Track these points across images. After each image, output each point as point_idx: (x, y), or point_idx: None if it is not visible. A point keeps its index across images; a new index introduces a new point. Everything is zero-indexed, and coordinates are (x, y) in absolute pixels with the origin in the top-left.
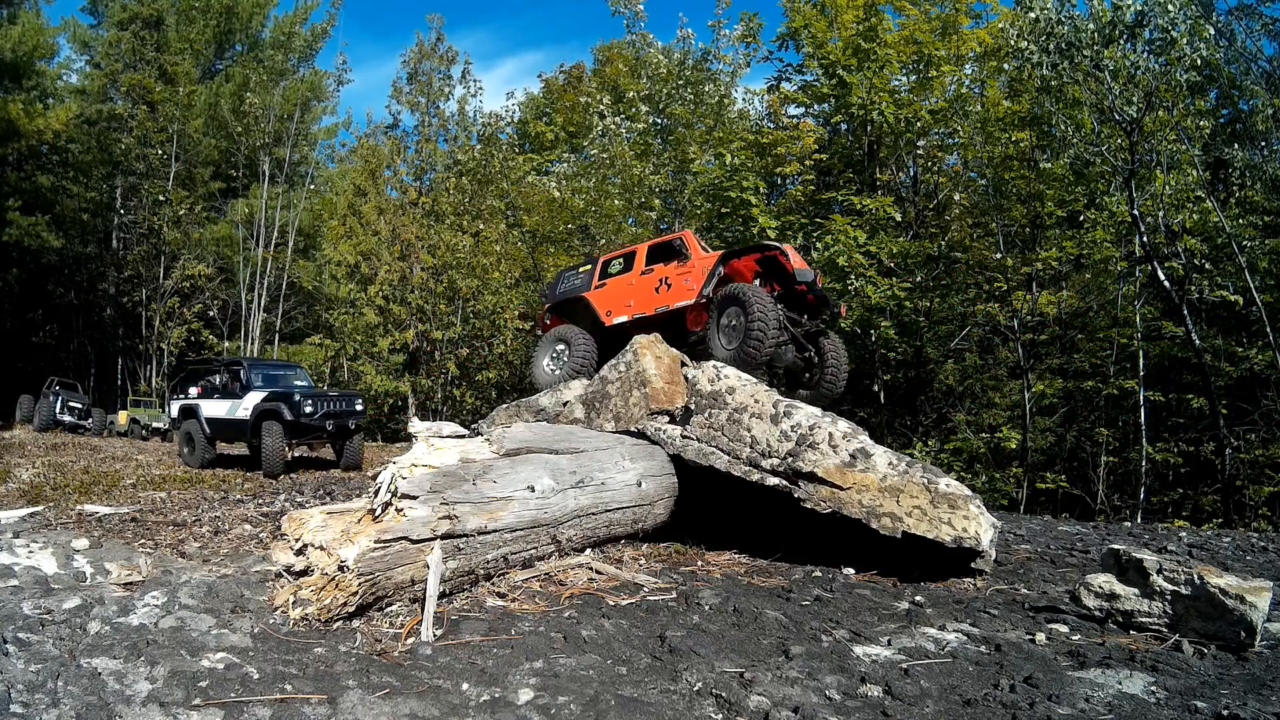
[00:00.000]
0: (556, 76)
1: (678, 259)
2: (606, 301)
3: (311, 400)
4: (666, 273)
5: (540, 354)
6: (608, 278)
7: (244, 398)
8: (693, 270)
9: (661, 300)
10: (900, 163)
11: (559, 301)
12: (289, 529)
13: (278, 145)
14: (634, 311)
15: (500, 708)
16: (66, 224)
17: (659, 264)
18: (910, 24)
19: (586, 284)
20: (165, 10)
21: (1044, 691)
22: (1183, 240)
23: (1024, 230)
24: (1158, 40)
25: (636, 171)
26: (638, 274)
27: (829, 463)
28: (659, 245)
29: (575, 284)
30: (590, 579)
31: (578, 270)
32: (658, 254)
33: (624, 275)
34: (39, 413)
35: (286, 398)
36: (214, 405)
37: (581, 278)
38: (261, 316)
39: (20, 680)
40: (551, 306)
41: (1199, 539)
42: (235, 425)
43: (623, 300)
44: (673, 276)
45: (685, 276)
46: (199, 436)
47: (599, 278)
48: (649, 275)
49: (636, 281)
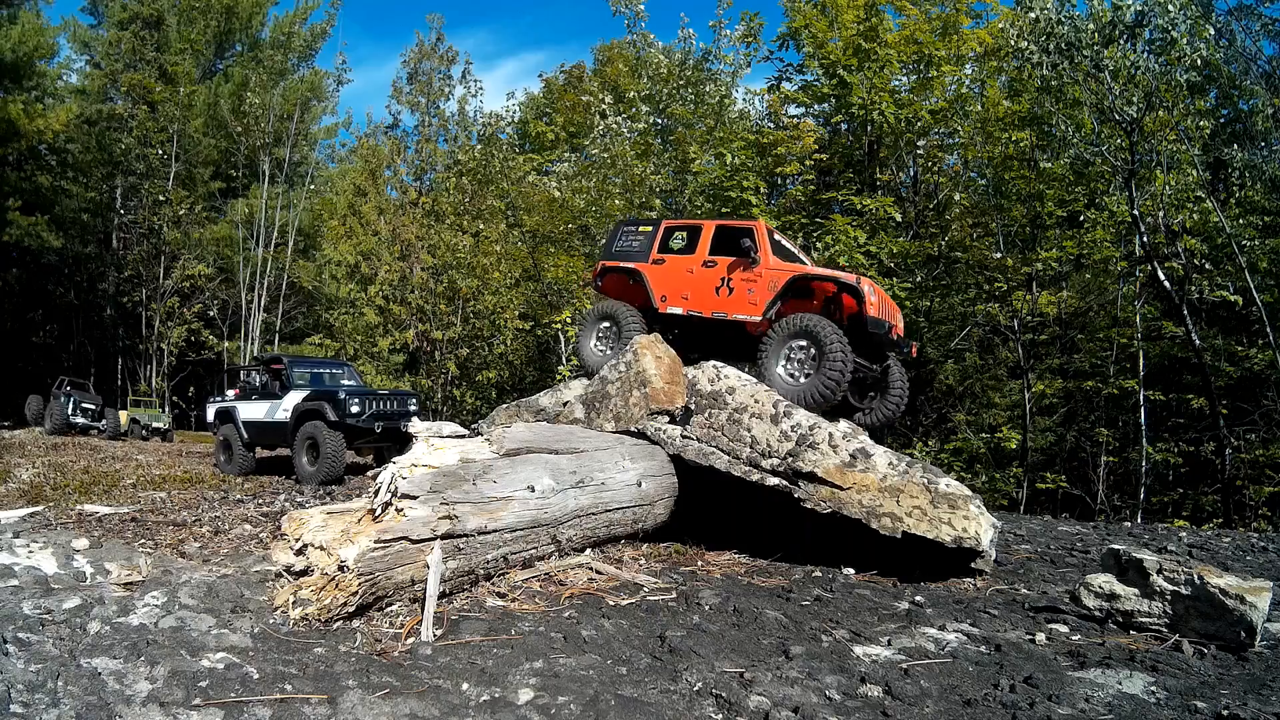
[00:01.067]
0: (557, 76)
1: (745, 258)
2: (662, 282)
3: (359, 399)
4: (731, 272)
5: (586, 332)
6: (668, 252)
7: (284, 398)
8: (759, 281)
9: (720, 304)
10: (900, 163)
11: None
12: (289, 529)
13: (278, 145)
14: (690, 307)
15: (500, 708)
16: (66, 224)
17: (724, 255)
18: (910, 24)
19: (644, 252)
20: (165, 10)
21: (1044, 691)
22: (1183, 240)
23: (1024, 230)
24: (1158, 40)
25: (637, 171)
26: (700, 261)
27: (829, 463)
28: (728, 231)
29: (633, 248)
30: (590, 579)
31: (638, 229)
32: (725, 242)
33: (685, 257)
34: (51, 415)
35: (330, 396)
36: (252, 407)
37: (640, 241)
38: (261, 316)
39: (20, 680)
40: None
41: (1199, 539)
42: (274, 428)
43: (679, 287)
44: (737, 280)
45: (750, 285)
46: (237, 442)
47: (658, 248)
48: (712, 269)
49: (697, 271)
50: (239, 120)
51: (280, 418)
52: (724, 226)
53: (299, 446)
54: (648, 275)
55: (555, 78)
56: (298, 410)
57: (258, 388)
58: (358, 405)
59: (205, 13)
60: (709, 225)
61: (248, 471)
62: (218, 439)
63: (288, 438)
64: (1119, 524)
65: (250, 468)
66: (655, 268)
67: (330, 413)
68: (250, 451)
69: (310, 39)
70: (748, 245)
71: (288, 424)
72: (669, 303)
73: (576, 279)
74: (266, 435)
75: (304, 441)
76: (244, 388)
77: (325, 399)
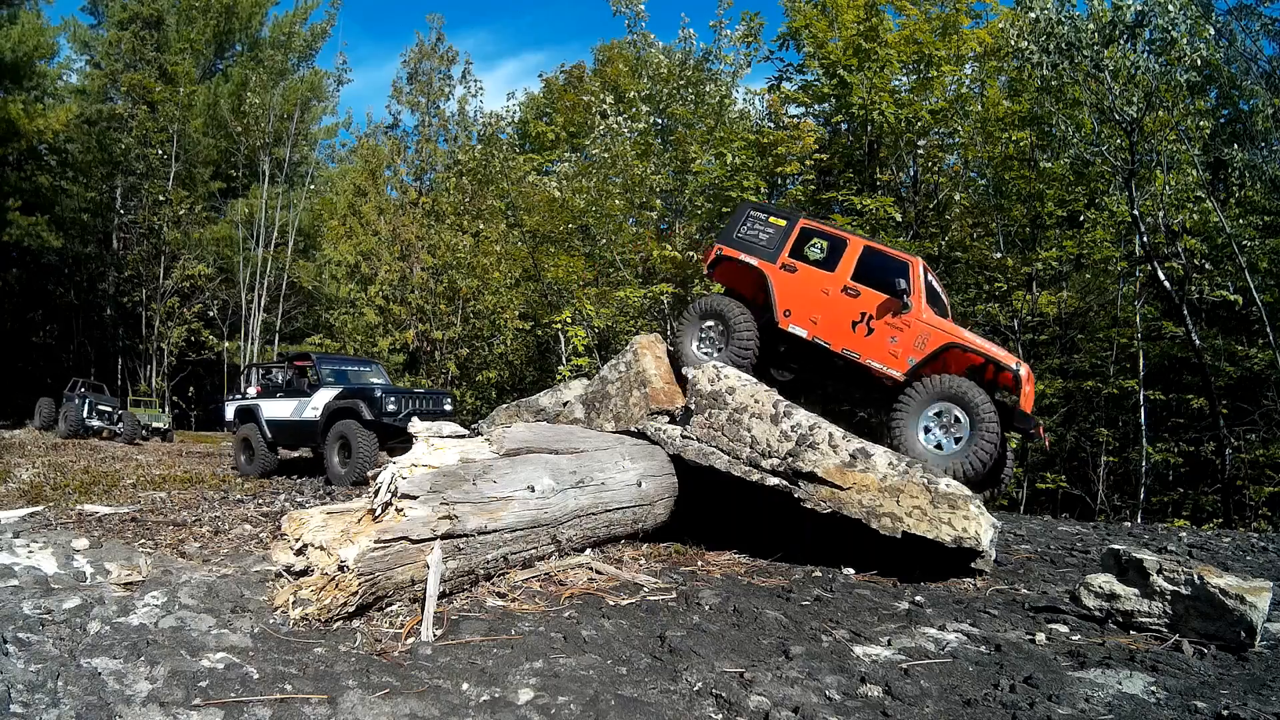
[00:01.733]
0: (557, 76)
1: (895, 299)
2: (790, 295)
3: (395, 397)
4: (875, 311)
5: (688, 329)
6: (801, 258)
7: (313, 396)
8: (906, 331)
9: (853, 342)
10: (900, 163)
11: (733, 253)
12: (289, 529)
13: (278, 145)
14: (817, 333)
15: (500, 708)
16: (66, 224)
17: (869, 286)
18: (910, 24)
19: (773, 250)
20: (165, 10)
21: (1044, 691)
22: (1183, 240)
23: (1024, 230)
24: (1158, 40)
25: (638, 171)
26: (839, 283)
27: (829, 463)
28: (878, 259)
29: (759, 242)
30: (590, 579)
31: (768, 218)
32: (873, 269)
33: (823, 272)
34: (65, 418)
35: (365, 394)
36: (277, 405)
37: (770, 235)
38: (261, 316)
39: (20, 680)
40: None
41: (1199, 539)
42: (302, 427)
43: (809, 306)
44: (880, 323)
45: (895, 334)
46: (259, 442)
47: (790, 250)
48: (853, 299)
49: (834, 295)
50: (239, 120)
51: (309, 416)
52: (874, 251)
53: (330, 446)
54: (774, 280)
55: (555, 78)
56: (329, 408)
57: (282, 385)
58: (394, 403)
59: (205, 13)
60: (856, 243)
61: (269, 473)
62: (237, 439)
63: (317, 437)
64: (1119, 524)
65: (272, 468)
66: (784, 275)
67: (366, 411)
68: (273, 452)
69: (310, 39)
70: (902, 288)
71: (317, 422)
72: (793, 320)
73: (576, 279)
74: (292, 434)
75: (335, 441)
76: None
77: (360, 397)
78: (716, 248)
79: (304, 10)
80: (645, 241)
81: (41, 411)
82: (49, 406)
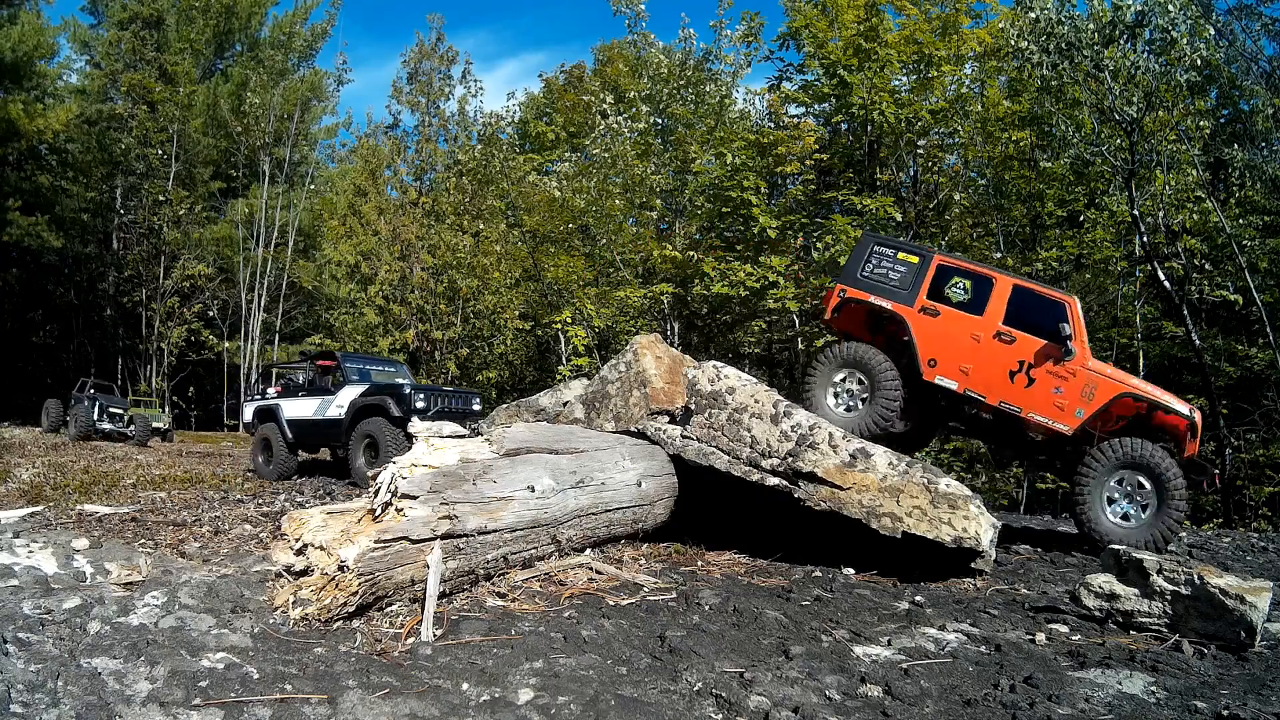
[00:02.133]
0: (557, 76)
1: (1055, 343)
2: (933, 342)
3: (424, 394)
4: (1035, 358)
5: (821, 379)
6: (941, 300)
7: (337, 394)
8: (1072, 381)
9: (1013, 394)
10: (900, 162)
11: (860, 296)
12: (289, 529)
13: (278, 145)
14: (969, 385)
15: (500, 708)
16: (66, 224)
17: (1024, 330)
18: (910, 24)
19: (908, 292)
20: (165, 10)
21: (1044, 691)
22: (1183, 240)
23: (1024, 230)
24: (1158, 40)
25: (638, 171)
26: (991, 329)
27: (829, 463)
28: (1031, 299)
29: (889, 282)
30: (590, 579)
31: (895, 256)
32: (1026, 310)
33: (969, 316)
34: (75, 420)
35: (394, 391)
36: (299, 405)
37: (902, 274)
38: (261, 316)
39: (20, 680)
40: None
41: (1199, 539)
42: (326, 426)
43: (957, 354)
44: (1042, 371)
45: (1059, 383)
46: (278, 443)
47: (928, 291)
48: (1008, 345)
49: (985, 341)
50: (239, 120)
51: (333, 415)
52: (1026, 291)
53: (355, 445)
54: (914, 327)
55: (555, 78)
56: (355, 406)
57: (304, 385)
58: (423, 400)
59: (205, 13)
60: (1004, 282)
61: (288, 475)
62: (256, 439)
63: (342, 435)
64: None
65: (291, 471)
66: (925, 319)
67: (394, 408)
68: (293, 453)
69: (310, 39)
70: (1066, 333)
71: (342, 421)
72: (939, 370)
73: (576, 279)
74: (314, 434)
75: (361, 440)
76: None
77: (389, 394)
78: (838, 289)
79: (304, 10)
80: (645, 241)
81: (49, 414)
82: (57, 408)
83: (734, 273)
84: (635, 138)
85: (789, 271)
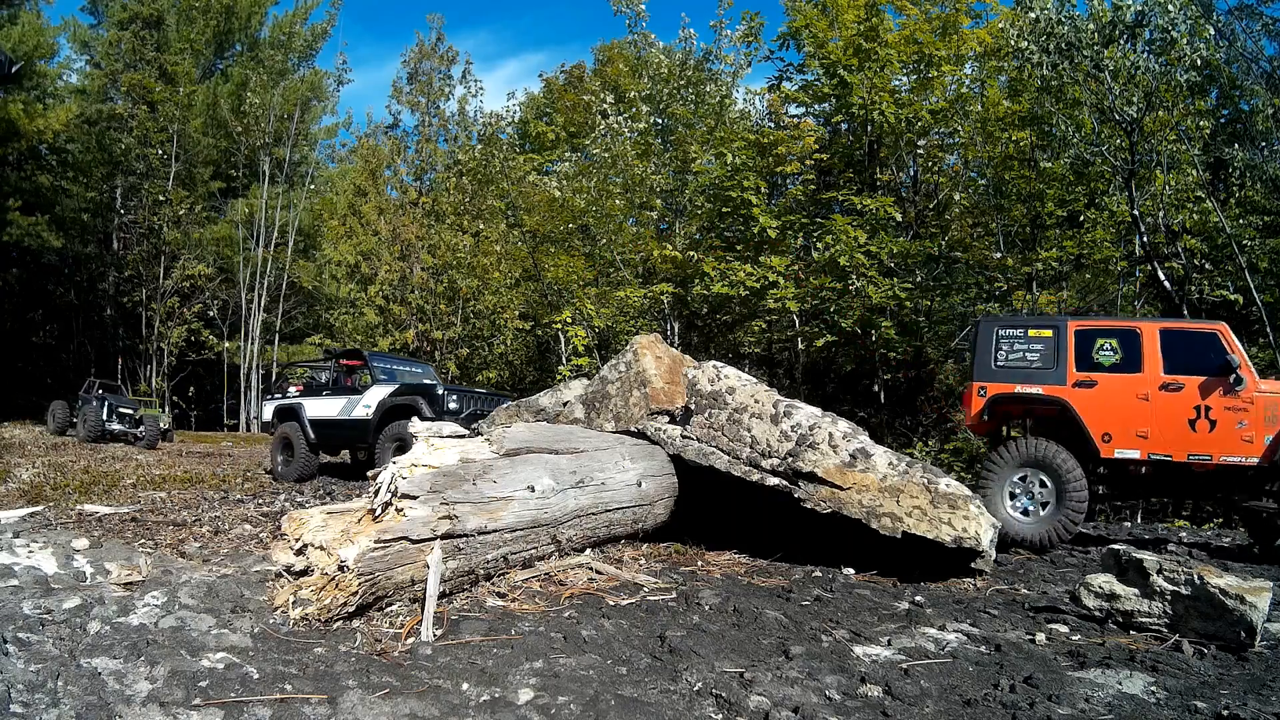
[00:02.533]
0: (557, 76)
1: (1223, 377)
2: (1101, 414)
3: (457, 395)
4: (1208, 397)
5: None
6: (1093, 368)
7: (364, 394)
8: (1252, 409)
9: (1201, 444)
10: (901, 162)
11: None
12: (289, 529)
13: (278, 145)
14: (1153, 448)
15: (500, 708)
16: (66, 224)
17: (1187, 373)
18: (910, 24)
19: (1054, 368)
20: (165, 10)
21: (1044, 691)
22: (1183, 240)
23: (1024, 230)
24: (1158, 40)
25: (638, 171)
26: (1154, 382)
27: (829, 463)
28: (1181, 338)
29: (1028, 362)
30: (590, 579)
31: (1026, 334)
32: (1182, 351)
33: (1127, 376)
34: (84, 421)
35: (426, 392)
36: (323, 404)
37: (1040, 351)
38: (261, 316)
39: (20, 680)
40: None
41: (1199, 539)
42: (351, 427)
43: (1131, 420)
44: (1220, 410)
45: (1240, 417)
46: (300, 444)
47: (1075, 362)
48: (1175, 393)
49: (1154, 397)
50: (239, 120)
51: (360, 415)
52: (1175, 332)
53: (384, 447)
54: (1076, 404)
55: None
56: (384, 406)
57: (327, 384)
58: (456, 402)
59: (205, 13)
60: (1149, 329)
61: (309, 477)
62: (276, 438)
63: (369, 436)
64: (1119, 524)
65: (312, 472)
66: (1084, 393)
67: (427, 409)
68: (315, 454)
69: (310, 39)
70: (1227, 358)
71: (369, 422)
72: (1117, 443)
73: (576, 279)
74: (339, 435)
75: (391, 442)
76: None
77: (421, 394)
78: (975, 388)
79: (304, 10)
80: (645, 241)
81: (55, 415)
82: (63, 410)
83: (734, 273)
84: (635, 138)
85: (789, 271)
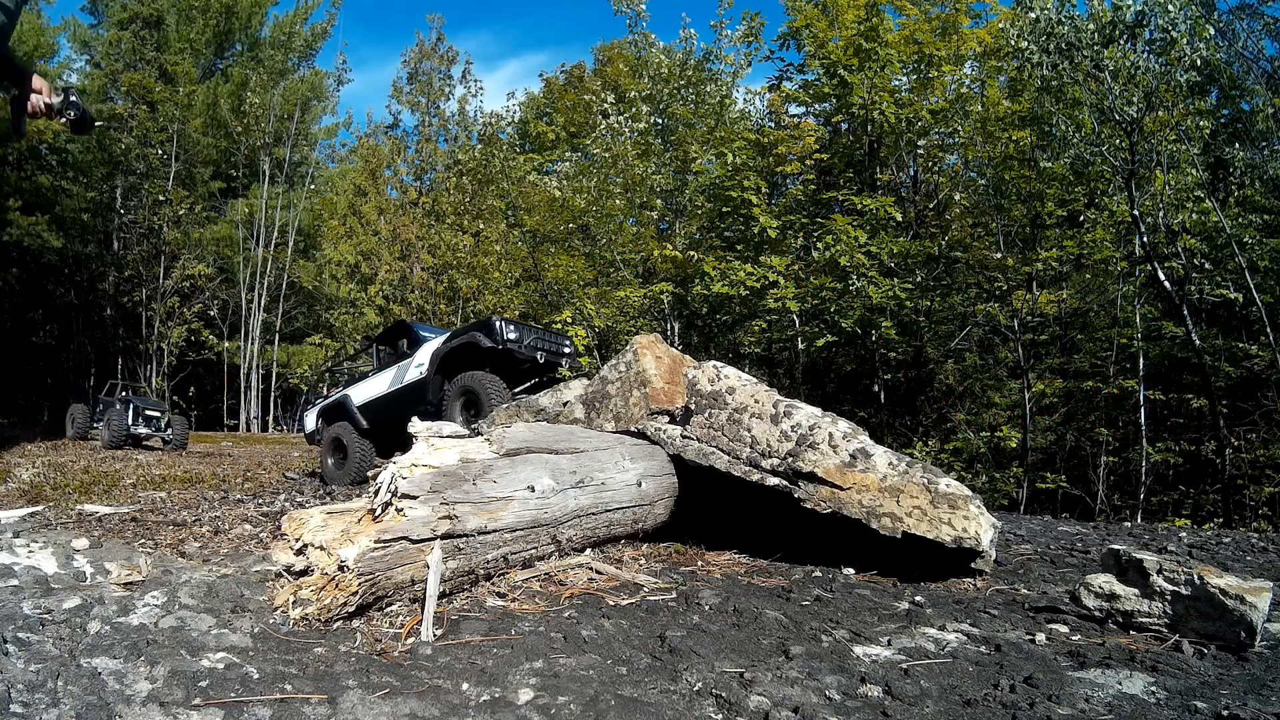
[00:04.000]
0: (557, 76)
1: None
2: None
3: (514, 326)
4: None
5: None
6: None
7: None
8: None
9: None
10: (901, 162)
11: None
12: (289, 529)
13: (278, 145)
14: None
15: (500, 708)
16: (66, 224)
17: None
18: (910, 24)
19: None
20: (165, 10)
21: (1044, 692)
22: (1183, 240)
23: (1024, 230)
24: (1158, 40)
25: (638, 171)
26: None
27: (829, 463)
28: None
29: None
30: (590, 579)
31: None
32: None
33: None
34: (109, 425)
35: (484, 325)
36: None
37: None
38: (261, 316)
39: (20, 680)
40: None
41: (1199, 539)
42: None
43: None
44: None
45: None
46: (351, 438)
47: None
48: None
49: None
50: (239, 120)
51: (414, 377)
52: None
53: (451, 404)
54: None
55: (556, 78)
56: (439, 355)
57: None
58: (515, 332)
59: (205, 12)
60: None
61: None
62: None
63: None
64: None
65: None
66: None
67: (484, 339)
68: (370, 444)
69: (310, 39)
70: None
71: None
72: None
73: (576, 279)
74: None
75: (458, 397)
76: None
77: (477, 329)
78: None
79: (304, 10)
80: (645, 241)
81: (75, 420)
82: (83, 414)
83: (734, 273)
84: (635, 137)
85: (789, 271)
